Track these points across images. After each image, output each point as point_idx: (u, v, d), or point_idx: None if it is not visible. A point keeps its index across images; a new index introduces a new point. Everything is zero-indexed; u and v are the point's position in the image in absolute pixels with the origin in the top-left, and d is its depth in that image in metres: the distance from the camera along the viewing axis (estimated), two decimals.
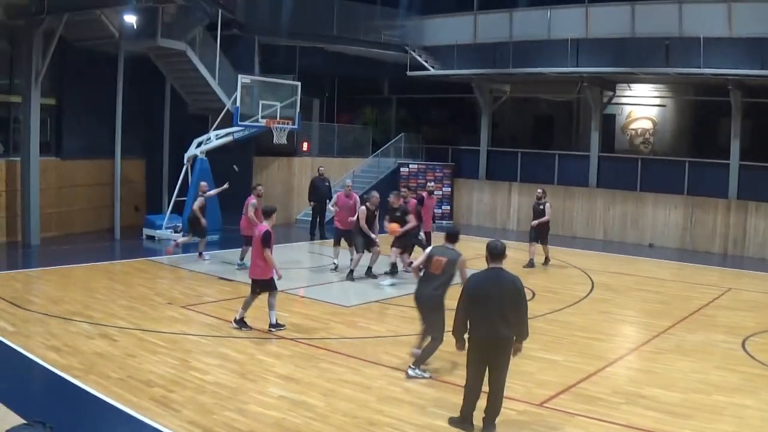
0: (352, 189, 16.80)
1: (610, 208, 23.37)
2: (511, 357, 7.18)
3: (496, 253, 7.19)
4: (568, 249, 20.48)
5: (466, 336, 7.27)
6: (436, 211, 25.96)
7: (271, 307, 10.80)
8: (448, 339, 10.08)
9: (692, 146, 25.02)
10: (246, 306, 10.83)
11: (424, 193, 17.98)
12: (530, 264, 17.38)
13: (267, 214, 10.93)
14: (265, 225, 10.72)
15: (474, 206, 26.45)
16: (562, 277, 16.60)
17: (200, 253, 16.76)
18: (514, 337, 7.10)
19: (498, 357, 7.06)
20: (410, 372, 8.88)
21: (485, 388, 7.21)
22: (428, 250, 9.14)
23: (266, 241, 10.45)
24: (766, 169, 20.90)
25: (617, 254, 20.52)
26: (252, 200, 15.39)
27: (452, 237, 9.05)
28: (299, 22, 24.02)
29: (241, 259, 15.71)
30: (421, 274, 8.98)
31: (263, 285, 10.76)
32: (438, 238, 10.67)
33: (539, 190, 18.04)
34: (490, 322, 6.95)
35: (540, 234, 17.59)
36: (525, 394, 8.35)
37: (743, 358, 10.28)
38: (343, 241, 15.90)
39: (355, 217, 15.20)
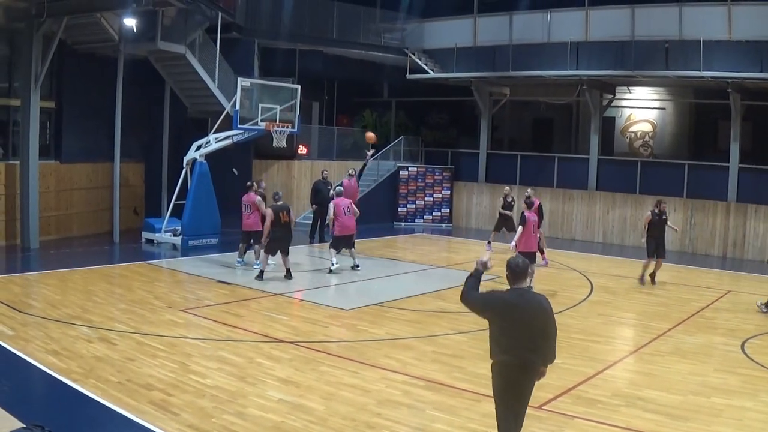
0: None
1: (610, 211, 23.38)
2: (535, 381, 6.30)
3: (518, 272, 6.17)
4: (567, 251, 20.49)
5: (490, 361, 6.22)
6: (435, 213, 26.33)
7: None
8: (443, 350, 10.11)
9: (692, 149, 25.00)
10: None
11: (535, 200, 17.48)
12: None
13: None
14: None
15: (473, 209, 26.45)
16: (561, 279, 16.59)
17: None
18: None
19: (524, 385, 6.13)
20: None
21: None
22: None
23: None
24: (766, 172, 20.93)
25: (616, 257, 20.53)
26: (257, 197, 16.26)
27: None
28: (299, 25, 24.10)
29: (240, 256, 16.52)
30: None
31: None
32: None
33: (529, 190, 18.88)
34: (518, 348, 5.99)
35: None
36: None
37: (742, 361, 10.27)
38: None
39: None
